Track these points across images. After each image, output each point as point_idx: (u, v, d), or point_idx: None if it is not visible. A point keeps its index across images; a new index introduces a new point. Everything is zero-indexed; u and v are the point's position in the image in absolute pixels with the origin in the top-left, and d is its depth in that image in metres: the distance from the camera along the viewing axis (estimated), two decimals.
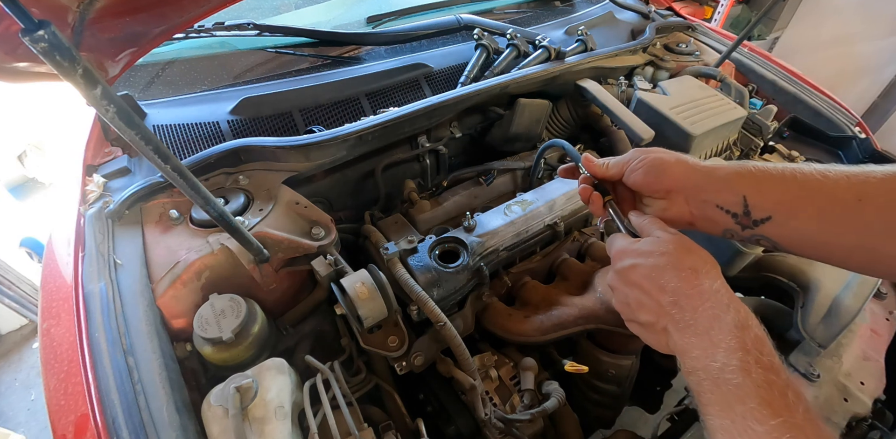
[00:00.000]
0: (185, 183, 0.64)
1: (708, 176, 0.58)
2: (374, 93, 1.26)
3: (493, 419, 0.86)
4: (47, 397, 0.77)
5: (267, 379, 0.74)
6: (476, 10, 1.64)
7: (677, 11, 1.88)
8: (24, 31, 0.42)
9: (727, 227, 0.58)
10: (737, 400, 0.41)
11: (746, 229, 0.56)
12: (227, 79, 1.29)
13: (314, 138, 0.99)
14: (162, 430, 0.65)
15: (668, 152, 0.62)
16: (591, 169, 0.68)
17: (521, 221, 1.02)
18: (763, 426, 0.38)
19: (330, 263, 0.88)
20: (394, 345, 0.85)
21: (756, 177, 0.54)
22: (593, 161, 0.68)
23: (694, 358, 0.46)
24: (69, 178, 1.06)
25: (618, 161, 0.65)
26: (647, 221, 0.60)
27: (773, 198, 0.53)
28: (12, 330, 2.58)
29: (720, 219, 0.57)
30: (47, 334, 0.83)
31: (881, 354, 1.01)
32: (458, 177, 1.24)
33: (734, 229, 0.57)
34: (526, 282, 1.07)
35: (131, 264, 0.83)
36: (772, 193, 0.53)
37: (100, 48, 0.77)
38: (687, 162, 0.60)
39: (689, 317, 0.48)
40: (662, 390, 1.31)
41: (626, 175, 0.64)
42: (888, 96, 3.50)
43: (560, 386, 0.94)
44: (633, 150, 0.65)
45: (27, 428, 2.17)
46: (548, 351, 1.07)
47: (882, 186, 0.48)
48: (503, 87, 1.18)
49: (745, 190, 0.54)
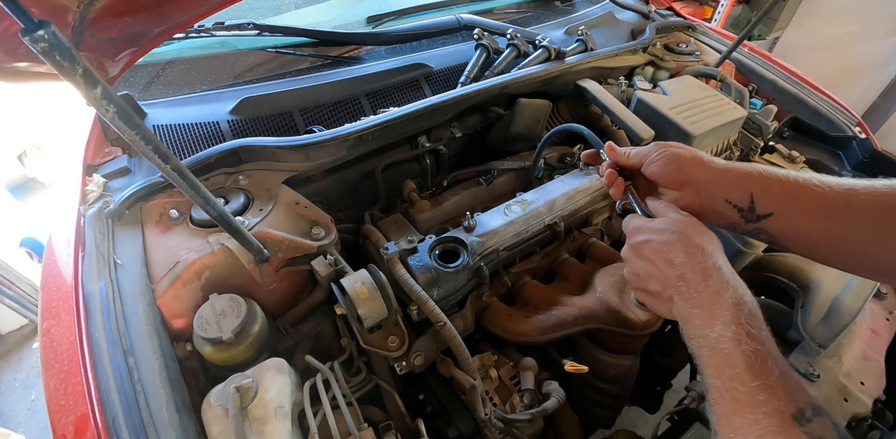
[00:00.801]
0: (185, 183, 0.64)
1: (721, 173, 0.63)
2: (374, 93, 1.26)
3: (493, 419, 0.86)
4: (47, 397, 0.77)
5: (267, 379, 0.74)
6: (476, 10, 1.64)
7: (677, 11, 1.88)
8: (24, 31, 0.42)
9: (732, 220, 0.63)
10: (727, 365, 0.49)
11: (749, 223, 0.62)
12: (227, 79, 1.29)
13: (314, 138, 0.99)
14: (162, 430, 0.65)
15: (686, 148, 0.68)
16: (614, 156, 0.74)
17: (521, 221, 1.02)
18: (745, 386, 0.47)
19: (330, 263, 0.88)
20: (394, 345, 0.85)
21: (763, 178, 0.61)
22: (616, 149, 0.74)
23: (696, 327, 0.53)
24: (69, 178, 1.06)
25: (638, 152, 0.71)
26: (662, 205, 0.66)
27: (777, 196, 0.59)
28: (12, 330, 2.58)
29: (727, 212, 0.63)
30: (47, 334, 0.83)
31: (881, 354, 1.01)
32: (458, 177, 1.24)
33: (738, 222, 0.63)
34: (526, 282, 1.07)
35: (131, 264, 0.83)
36: (776, 192, 0.60)
37: (100, 48, 0.77)
38: (702, 158, 0.65)
39: (693, 291, 0.54)
40: (662, 390, 1.31)
41: (646, 166, 0.69)
42: (888, 96, 3.51)
43: (560, 386, 0.94)
44: (653, 143, 0.70)
45: (27, 428, 2.17)
46: (548, 351, 1.07)
47: (865, 193, 0.54)
48: (503, 87, 1.18)
49: (753, 188, 0.61)
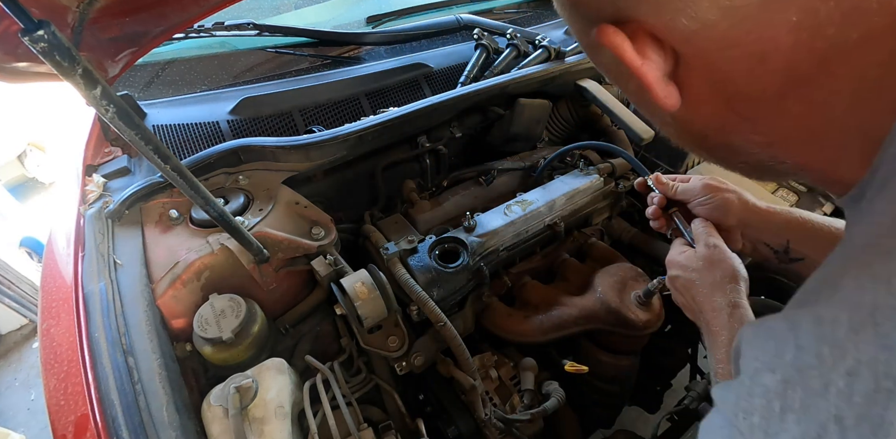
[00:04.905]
0: (185, 183, 0.64)
1: (764, 219, 0.72)
2: (374, 93, 1.26)
3: (493, 419, 0.86)
4: (47, 397, 0.77)
5: (267, 379, 0.75)
6: (476, 10, 1.63)
7: None
8: (24, 31, 0.42)
9: (767, 258, 0.74)
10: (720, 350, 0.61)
11: (782, 263, 0.72)
12: (227, 79, 1.29)
13: (314, 138, 0.99)
14: (162, 430, 0.65)
15: (733, 190, 0.73)
16: (662, 188, 0.79)
17: (521, 221, 1.02)
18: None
19: (330, 263, 0.88)
20: (394, 345, 0.85)
21: (801, 227, 0.69)
22: (663, 181, 0.79)
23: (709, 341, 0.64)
24: (69, 178, 1.06)
25: (685, 189, 0.76)
26: (701, 231, 0.72)
27: (809, 245, 0.69)
28: (12, 330, 2.58)
29: (765, 252, 0.74)
30: (47, 334, 0.83)
31: None
32: (458, 177, 1.24)
33: (772, 261, 0.73)
34: (526, 282, 1.07)
35: (131, 264, 0.83)
36: (809, 242, 0.69)
37: (100, 48, 0.77)
38: (748, 203, 0.72)
39: (705, 324, 0.65)
40: (662, 390, 1.31)
41: (693, 206, 0.75)
42: None
43: (560, 386, 0.94)
44: (703, 184, 0.75)
45: (27, 428, 2.17)
46: (548, 351, 1.07)
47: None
48: (503, 87, 1.18)
49: (790, 236, 0.71)
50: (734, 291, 0.64)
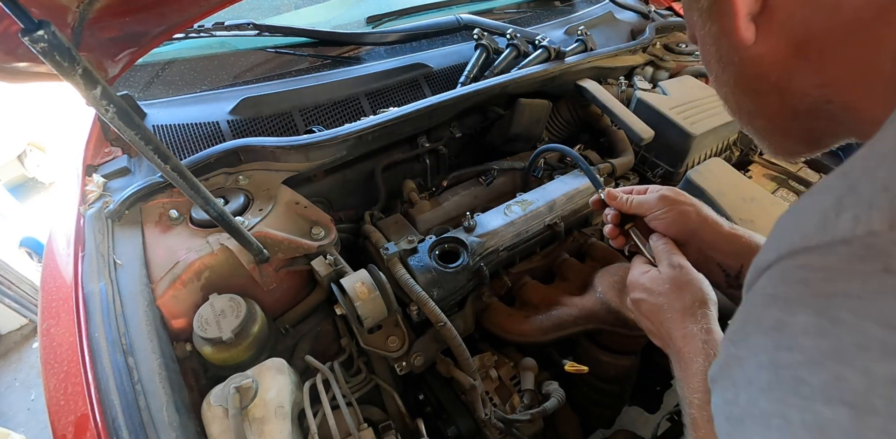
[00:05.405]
0: (185, 183, 0.64)
1: (722, 239, 0.67)
2: (374, 93, 1.26)
3: (493, 419, 0.86)
4: (47, 397, 0.77)
5: (267, 379, 0.75)
6: (476, 10, 1.63)
7: (677, 11, 1.88)
8: (24, 31, 0.42)
9: (717, 281, 0.67)
10: (692, 426, 0.55)
11: (730, 288, 0.67)
12: (227, 79, 1.29)
13: (314, 138, 0.99)
14: (162, 430, 0.65)
15: (692, 203, 0.69)
16: (615, 204, 0.74)
17: (521, 221, 1.02)
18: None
19: (330, 263, 0.88)
20: (394, 345, 0.85)
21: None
22: (616, 196, 0.74)
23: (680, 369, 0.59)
24: (69, 178, 1.06)
25: (640, 202, 0.71)
26: (661, 248, 0.67)
27: None
28: (12, 330, 2.58)
29: (716, 273, 0.68)
30: (47, 334, 0.83)
31: None
32: (458, 177, 1.24)
33: (721, 284, 0.68)
34: (526, 282, 1.07)
35: (131, 264, 0.83)
36: None
37: (100, 48, 0.77)
38: (707, 219, 0.68)
39: (676, 352, 0.60)
40: (662, 390, 1.31)
41: (650, 219, 0.70)
42: None
43: (560, 386, 0.94)
44: (659, 196, 0.70)
45: (27, 428, 2.17)
46: (548, 351, 1.07)
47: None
48: (503, 87, 1.18)
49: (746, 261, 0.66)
50: (705, 317, 0.59)
